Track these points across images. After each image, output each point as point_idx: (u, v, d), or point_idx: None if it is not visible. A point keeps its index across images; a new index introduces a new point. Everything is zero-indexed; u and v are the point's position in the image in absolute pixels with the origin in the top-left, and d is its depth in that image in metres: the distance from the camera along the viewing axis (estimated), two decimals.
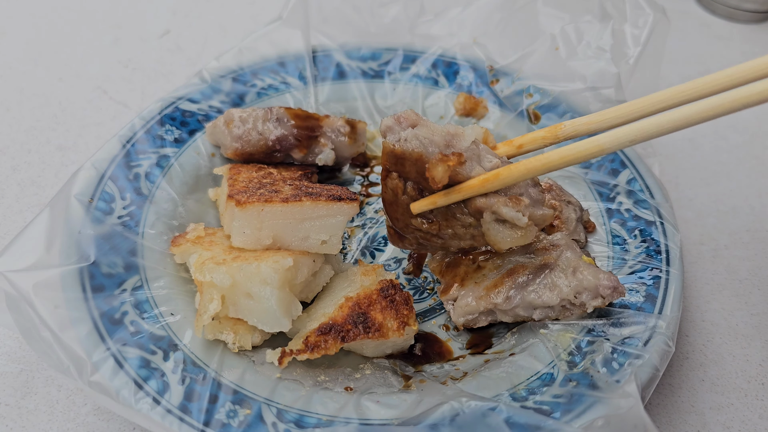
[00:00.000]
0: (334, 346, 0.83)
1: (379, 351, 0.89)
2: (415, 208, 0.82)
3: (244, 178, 0.98)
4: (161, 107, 1.09)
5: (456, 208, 0.81)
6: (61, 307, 0.81)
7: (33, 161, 1.22)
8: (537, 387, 0.82)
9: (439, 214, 0.82)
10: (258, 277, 0.83)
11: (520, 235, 0.80)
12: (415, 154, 0.79)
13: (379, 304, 0.87)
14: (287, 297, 0.85)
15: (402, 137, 0.80)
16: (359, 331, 0.84)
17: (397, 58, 1.25)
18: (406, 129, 0.82)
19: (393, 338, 0.85)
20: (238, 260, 0.86)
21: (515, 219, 0.78)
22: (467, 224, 0.82)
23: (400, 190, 0.83)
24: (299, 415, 0.79)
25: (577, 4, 1.18)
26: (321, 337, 0.84)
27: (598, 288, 0.86)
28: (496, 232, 0.80)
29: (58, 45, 1.48)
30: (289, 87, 1.20)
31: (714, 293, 1.07)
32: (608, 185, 1.06)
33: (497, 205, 0.79)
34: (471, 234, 0.83)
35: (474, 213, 0.80)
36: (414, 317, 0.87)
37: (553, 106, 1.16)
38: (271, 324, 0.84)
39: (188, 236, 0.93)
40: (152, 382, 0.78)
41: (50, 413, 0.87)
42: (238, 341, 0.85)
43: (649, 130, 0.72)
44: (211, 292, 0.84)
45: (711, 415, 0.91)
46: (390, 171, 0.82)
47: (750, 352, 0.99)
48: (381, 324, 0.85)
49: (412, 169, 0.80)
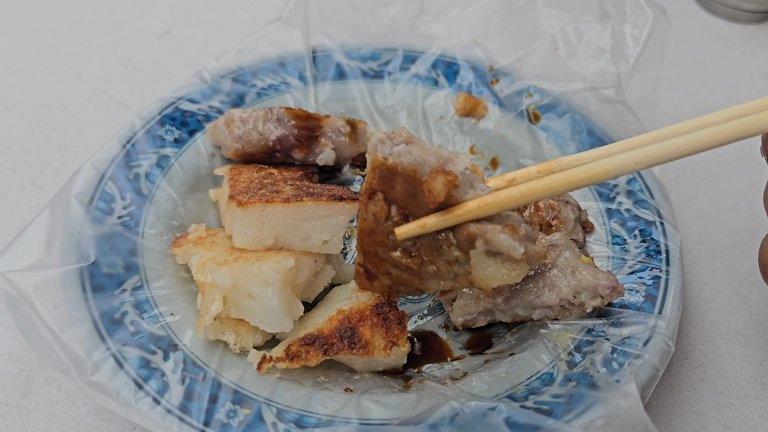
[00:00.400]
0: (315, 358, 0.81)
1: (369, 367, 0.88)
2: (401, 233, 0.74)
3: (245, 178, 0.98)
4: (161, 107, 1.09)
5: (443, 240, 0.75)
6: (61, 307, 0.81)
7: (33, 161, 1.22)
8: (537, 387, 0.82)
9: (423, 246, 0.76)
10: (259, 278, 0.83)
11: (510, 273, 0.74)
12: (408, 169, 0.73)
13: (371, 321, 0.85)
14: (289, 297, 0.85)
15: (395, 152, 0.74)
16: (343, 346, 0.82)
17: (397, 59, 1.25)
18: (399, 144, 0.77)
19: (378, 357, 0.83)
20: (240, 261, 0.86)
21: (511, 249, 0.72)
22: (453, 260, 0.75)
23: (383, 215, 0.75)
24: (299, 414, 0.79)
25: (577, 5, 1.18)
26: (303, 347, 0.82)
27: (597, 288, 0.86)
28: (485, 267, 0.74)
29: (58, 45, 1.48)
30: (289, 87, 1.20)
31: (714, 293, 1.07)
32: (608, 185, 1.06)
33: (492, 232, 0.72)
34: (455, 273, 0.76)
35: (465, 242, 0.74)
36: (405, 338, 0.85)
37: (553, 106, 1.16)
38: (272, 324, 0.84)
39: (190, 237, 0.93)
40: (152, 382, 0.78)
41: (50, 413, 0.87)
42: (239, 342, 0.85)
43: (654, 154, 0.70)
44: (212, 292, 0.84)
45: (711, 414, 0.91)
46: (374, 192, 0.75)
47: (750, 352, 0.99)
48: (368, 341, 0.83)
49: (401, 189, 0.74)
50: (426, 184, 0.72)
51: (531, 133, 1.15)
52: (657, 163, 0.71)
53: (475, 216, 0.73)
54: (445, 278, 0.78)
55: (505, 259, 0.74)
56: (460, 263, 0.76)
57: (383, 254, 0.77)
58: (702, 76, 1.52)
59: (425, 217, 0.74)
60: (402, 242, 0.76)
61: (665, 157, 0.70)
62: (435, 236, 0.75)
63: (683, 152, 0.70)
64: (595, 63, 1.13)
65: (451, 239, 0.75)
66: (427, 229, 0.74)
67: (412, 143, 0.77)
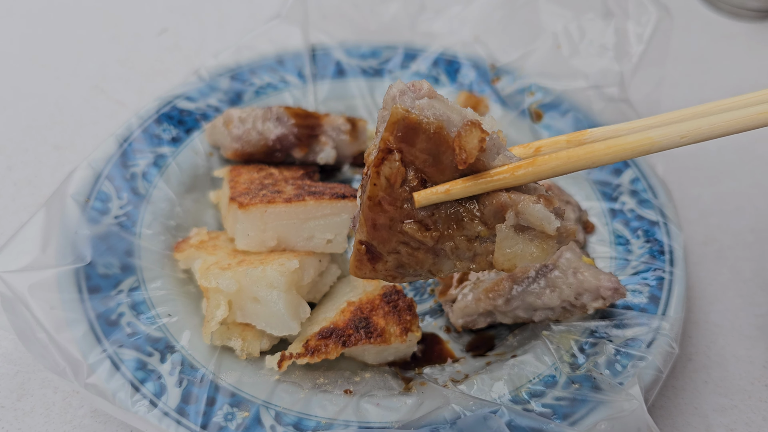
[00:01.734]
0: (334, 351, 0.82)
1: (380, 358, 0.88)
2: (420, 199, 0.65)
3: (245, 179, 0.97)
4: (158, 106, 1.08)
5: (467, 211, 0.66)
6: (57, 308, 0.81)
7: (29, 161, 1.21)
8: (539, 389, 0.81)
9: (442, 218, 0.66)
10: (264, 281, 0.82)
11: (539, 251, 0.65)
12: (434, 125, 0.63)
13: (382, 310, 0.86)
14: (295, 299, 0.84)
15: (418, 105, 0.65)
16: (360, 336, 0.83)
17: (397, 56, 1.24)
18: (422, 99, 0.66)
19: (395, 344, 0.84)
20: (244, 264, 0.85)
21: (545, 221, 0.63)
22: (474, 235, 0.66)
23: (399, 178, 0.65)
24: (298, 417, 0.78)
25: (580, 2, 1.17)
26: (322, 341, 0.83)
27: (599, 289, 0.85)
28: (512, 244, 0.65)
29: (54, 43, 1.47)
30: (288, 85, 1.19)
31: (718, 294, 1.06)
32: (611, 185, 1.05)
33: (526, 202, 0.63)
34: (474, 252, 0.67)
35: (492, 214, 0.65)
36: (417, 324, 0.86)
37: (556, 104, 1.15)
38: (279, 327, 0.83)
39: (191, 241, 0.92)
40: (149, 384, 0.77)
41: (46, 415, 0.86)
42: (246, 348, 0.85)
43: (701, 128, 0.64)
44: (217, 297, 0.83)
45: (715, 417, 0.90)
46: (390, 152, 0.65)
47: (754, 354, 0.98)
48: (383, 329, 0.84)
49: (423, 147, 0.64)
50: (458, 140, 0.63)
51: (533, 131, 1.14)
52: (703, 139, 0.64)
53: (507, 184, 0.64)
54: (462, 258, 0.68)
55: (534, 235, 0.65)
56: (481, 240, 0.67)
57: (393, 227, 0.67)
58: (705, 74, 1.51)
59: (449, 182, 0.65)
60: (418, 212, 0.66)
61: (712, 132, 0.64)
62: (458, 206, 0.66)
63: (732, 128, 0.63)
64: (597, 61, 1.12)
65: (474, 210, 0.66)
66: (451, 196, 0.64)
67: (435, 98, 0.67)
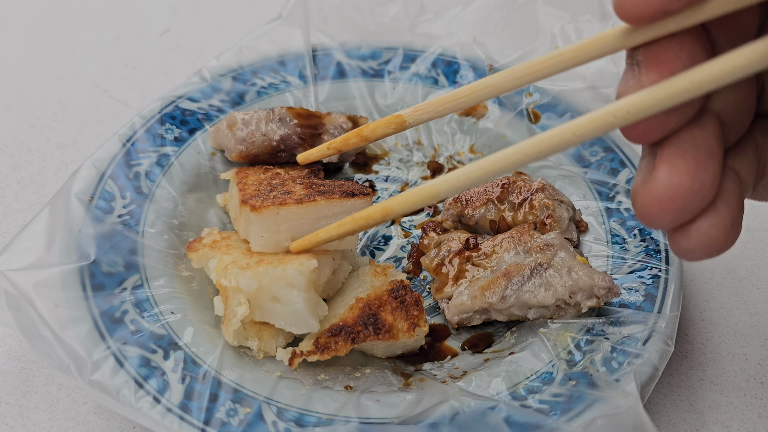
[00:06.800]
0: (344, 348, 0.83)
1: (389, 351, 0.90)
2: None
3: (253, 180, 0.98)
4: (161, 106, 1.09)
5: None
6: (61, 306, 0.81)
7: (33, 160, 1.22)
8: (537, 386, 0.82)
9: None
10: (284, 281, 0.83)
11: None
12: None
13: (390, 305, 0.86)
14: (314, 298, 0.85)
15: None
16: (369, 333, 0.84)
17: (396, 57, 1.25)
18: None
19: (403, 339, 0.85)
20: (262, 264, 0.85)
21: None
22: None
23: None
24: (299, 413, 0.79)
25: (577, 4, 1.18)
26: (331, 338, 0.83)
27: (593, 288, 0.86)
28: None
29: (57, 43, 1.48)
30: (289, 86, 1.20)
31: (713, 292, 1.07)
32: (608, 184, 1.06)
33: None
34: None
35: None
36: (424, 318, 0.87)
37: (553, 105, 1.16)
38: (299, 326, 0.84)
39: (204, 241, 0.93)
40: (152, 380, 0.78)
41: (50, 412, 0.87)
42: (263, 347, 0.86)
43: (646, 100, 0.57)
44: (238, 296, 0.84)
45: (710, 413, 0.91)
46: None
47: (749, 351, 0.99)
48: (391, 325, 0.84)
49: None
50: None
51: (531, 132, 1.15)
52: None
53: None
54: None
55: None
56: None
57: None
58: None
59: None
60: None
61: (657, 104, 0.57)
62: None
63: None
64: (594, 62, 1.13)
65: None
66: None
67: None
